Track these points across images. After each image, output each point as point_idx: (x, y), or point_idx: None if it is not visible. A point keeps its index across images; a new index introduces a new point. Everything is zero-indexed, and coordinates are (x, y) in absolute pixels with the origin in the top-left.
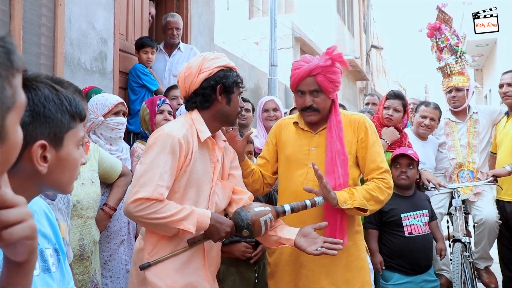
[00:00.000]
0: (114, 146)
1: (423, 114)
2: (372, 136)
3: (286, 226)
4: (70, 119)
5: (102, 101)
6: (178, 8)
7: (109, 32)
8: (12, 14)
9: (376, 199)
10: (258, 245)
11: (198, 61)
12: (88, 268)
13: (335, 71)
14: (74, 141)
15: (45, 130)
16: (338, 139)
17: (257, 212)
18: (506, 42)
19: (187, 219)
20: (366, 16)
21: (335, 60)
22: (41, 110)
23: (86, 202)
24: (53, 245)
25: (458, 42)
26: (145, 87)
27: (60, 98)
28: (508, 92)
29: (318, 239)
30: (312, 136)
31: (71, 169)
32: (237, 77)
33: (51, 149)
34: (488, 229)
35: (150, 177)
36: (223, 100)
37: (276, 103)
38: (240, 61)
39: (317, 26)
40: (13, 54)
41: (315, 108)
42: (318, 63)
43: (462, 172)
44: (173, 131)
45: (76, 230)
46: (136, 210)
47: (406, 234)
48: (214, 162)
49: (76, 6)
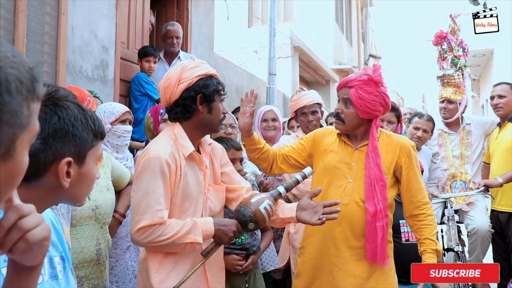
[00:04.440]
0: (120, 153)
1: (416, 125)
2: (414, 163)
3: (286, 205)
4: (93, 138)
5: (110, 109)
6: (179, 17)
7: (111, 41)
8: (16, 23)
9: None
10: (249, 256)
11: (177, 71)
12: (102, 272)
13: (370, 91)
14: (94, 158)
15: (72, 148)
16: (375, 165)
17: (255, 202)
18: (502, 53)
19: (192, 232)
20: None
21: (371, 78)
22: (70, 129)
23: (104, 208)
24: (60, 253)
25: (461, 55)
26: (147, 95)
27: (86, 117)
28: (499, 104)
29: (317, 207)
30: (353, 150)
31: (89, 184)
32: (218, 84)
33: (75, 165)
34: (481, 238)
35: (147, 203)
36: (204, 109)
37: (275, 113)
38: (239, 69)
39: (315, 35)
40: (38, 83)
41: (341, 117)
42: (356, 77)
43: (455, 183)
44: (159, 152)
45: (94, 235)
46: (142, 238)
47: (403, 240)
48: (203, 169)
49: (78, 15)
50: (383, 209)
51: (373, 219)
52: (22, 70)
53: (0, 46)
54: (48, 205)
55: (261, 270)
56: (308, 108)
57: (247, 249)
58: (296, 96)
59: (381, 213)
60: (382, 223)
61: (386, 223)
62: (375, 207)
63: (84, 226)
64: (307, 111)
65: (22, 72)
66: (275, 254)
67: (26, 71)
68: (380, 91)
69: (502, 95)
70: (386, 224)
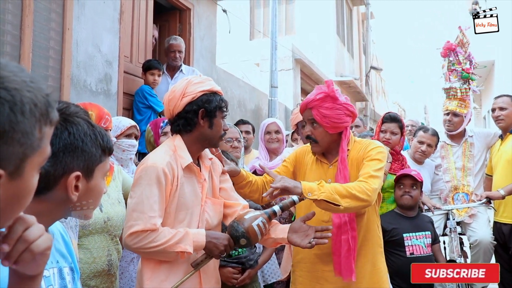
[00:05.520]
0: (125, 167)
1: (421, 139)
2: (371, 153)
3: (279, 225)
4: (101, 153)
5: (116, 123)
6: (181, 31)
7: (114, 55)
8: (22, 39)
9: (355, 196)
10: (245, 270)
11: (182, 85)
12: (113, 283)
13: (330, 107)
14: (102, 173)
15: (81, 163)
16: (342, 178)
17: (248, 219)
18: (503, 64)
19: (183, 241)
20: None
21: (327, 94)
22: (79, 144)
23: (115, 220)
24: (69, 264)
25: (469, 68)
26: (151, 108)
27: (95, 133)
28: (500, 116)
29: (309, 231)
30: (328, 167)
31: (96, 198)
32: (220, 101)
33: (83, 179)
34: (483, 250)
35: (141, 209)
36: (205, 124)
37: (278, 125)
38: (241, 82)
39: (317, 47)
40: (52, 108)
41: (313, 139)
42: (313, 97)
43: (457, 195)
44: (156, 161)
45: (105, 246)
46: (133, 243)
47: (408, 254)
48: (202, 182)
49: (83, 30)
50: (349, 222)
51: (338, 231)
52: (38, 95)
53: (20, 72)
54: (57, 218)
55: (263, 282)
56: None
57: (243, 263)
58: (297, 109)
59: (345, 226)
60: (347, 236)
61: (353, 236)
62: (339, 219)
63: (95, 237)
64: None
65: (38, 97)
66: (277, 266)
67: (42, 96)
68: (340, 103)
69: (504, 107)
70: (352, 237)
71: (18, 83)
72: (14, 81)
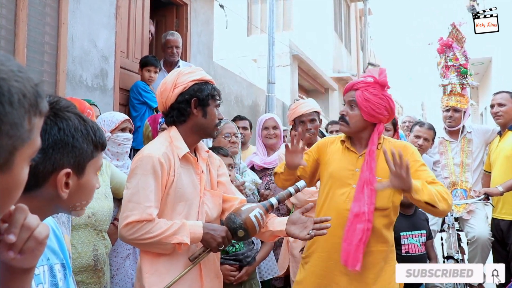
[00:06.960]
0: (120, 161)
1: (417, 134)
2: (419, 160)
3: (276, 218)
4: (93, 149)
5: (110, 118)
6: (178, 26)
7: (110, 50)
8: (17, 33)
9: (446, 202)
10: (243, 267)
11: (173, 76)
12: (101, 279)
13: (375, 93)
14: (94, 169)
15: (71, 159)
16: (368, 169)
17: (245, 210)
18: (501, 61)
19: (179, 232)
20: (363, 34)
21: (376, 80)
22: (70, 140)
23: (100, 215)
24: (60, 261)
25: (466, 64)
26: (146, 104)
27: (87, 128)
28: (498, 112)
29: (308, 223)
30: (357, 157)
31: (88, 195)
32: (212, 89)
33: (74, 176)
34: (481, 246)
35: (137, 200)
36: (199, 113)
37: (276, 121)
38: (239, 78)
39: (314, 43)
40: (41, 98)
41: (345, 119)
42: (362, 79)
43: (456, 191)
44: (152, 152)
45: (90, 241)
46: (128, 233)
47: (403, 253)
48: (199, 173)
49: (78, 25)
50: (368, 213)
51: (354, 219)
52: (27, 85)
53: (7, 61)
54: (47, 214)
55: (260, 278)
56: (306, 117)
57: (240, 260)
58: (294, 105)
59: (363, 216)
60: (363, 226)
61: (368, 228)
62: (359, 209)
63: (80, 232)
64: (305, 120)
65: (27, 87)
66: (274, 262)
67: (31, 86)
68: (385, 95)
69: (502, 103)
70: (367, 229)
71: (5, 72)
72: (1, 71)
